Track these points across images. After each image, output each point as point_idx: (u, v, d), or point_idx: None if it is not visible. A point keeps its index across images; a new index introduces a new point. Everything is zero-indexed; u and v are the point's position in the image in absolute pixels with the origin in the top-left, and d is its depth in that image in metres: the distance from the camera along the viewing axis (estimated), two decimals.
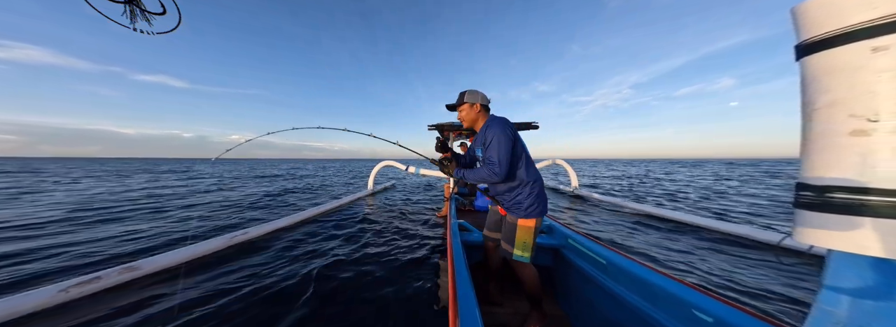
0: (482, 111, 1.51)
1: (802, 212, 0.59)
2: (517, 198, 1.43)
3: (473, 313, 0.93)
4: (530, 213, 1.39)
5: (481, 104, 1.50)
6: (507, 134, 1.36)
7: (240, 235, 3.19)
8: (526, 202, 1.40)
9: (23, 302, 1.77)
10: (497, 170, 1.34)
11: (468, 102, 1.49)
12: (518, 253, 1.42)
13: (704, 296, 1.02)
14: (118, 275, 2.17)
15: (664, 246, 3.22)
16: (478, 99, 1.49)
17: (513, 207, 1.44)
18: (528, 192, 1.41)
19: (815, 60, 0.57)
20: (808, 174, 0.59)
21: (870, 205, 0.50)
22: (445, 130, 4.59)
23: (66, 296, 1.90)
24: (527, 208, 1.39)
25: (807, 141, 0.59)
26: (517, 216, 1.42)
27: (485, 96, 1.52)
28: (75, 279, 2.04)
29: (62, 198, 6.63)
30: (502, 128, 1.37)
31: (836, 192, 0.54)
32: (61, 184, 10.33)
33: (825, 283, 0.57)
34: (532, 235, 1.41)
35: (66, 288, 1.93)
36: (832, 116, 0.55)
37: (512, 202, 1.45)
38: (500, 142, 1.34)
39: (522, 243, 1.41)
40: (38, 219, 4.30)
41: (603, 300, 1.44)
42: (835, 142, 0.54)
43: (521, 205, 1.41)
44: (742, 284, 2.24)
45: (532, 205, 1.40)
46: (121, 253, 2.92)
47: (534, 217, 1.40)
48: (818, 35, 0.56)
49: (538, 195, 1.42)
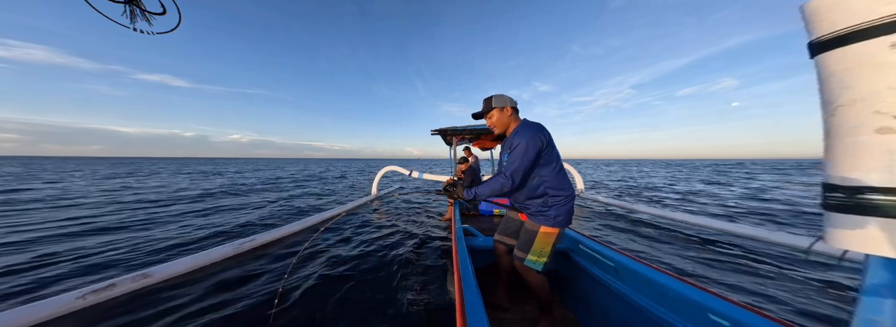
0: (513, 114, 1.47)
1: (833, 215, 0.57)
2: (546, 205, 1.38)
3: (481, 318, 0.92)
4: (557, 222, 1.35)
5: (512, 107, 1.46)
6: (536, 142, 1.30)
7: (248, 242, 3.23)
8: (553, 211, 1.35)
9: (43, 309, 1.81)
10: (507, 180, 1.29)
11: (497, 107, 1.45)
12: (532, 258, 1.38)
13: (720, 300, 0.99)
14: (132, 282, 2.21)
15: (689, 257, 3.09)
16: (507, 102, 1.45)
17: (538, 214, 1.39)
18: (557, 202, 1.36)
19: (832, 57, 0.56)
20: (835, 174, 0.56)
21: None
22: (449, 135, 4.61)
23: (83, 303, 1.94)
24: (555, 217, 1.35)
25: (831, 139, 0.57)
26: (541, 223, 1.38)
27: (512, 99, 1.48)
28: (92, 286, 2.08)
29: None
30: (532, 135, 1.31)
31: (867, 193, 0.51)
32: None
33: (864, 290, 0.53)
34: (552, 244, 1.38)
35: (83, 294, 1.97)
36: (856, 114, 0.53)
37: (538, 209, 1.40)
38: (526, 150, 1.29)
39: (539, 250, 1.37)
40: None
41: (613, 303, 1.40)
42: (861, 140, 0.52)
43: (548, 213, 1.36)
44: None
45: (560, 214, 1.35)
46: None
47: (559, 226, 1.36)
48: (833, 32, 0.55)
49: (565, 205, 1.37)
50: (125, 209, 5.94)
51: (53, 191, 8.55)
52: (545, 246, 1.37)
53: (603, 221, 4.88)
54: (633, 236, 3.93)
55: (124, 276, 2.25)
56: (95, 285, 2.09)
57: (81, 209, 5.88)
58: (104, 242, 3.54)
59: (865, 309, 0.53)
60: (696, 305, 1.01)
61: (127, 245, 3.46)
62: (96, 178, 13.87)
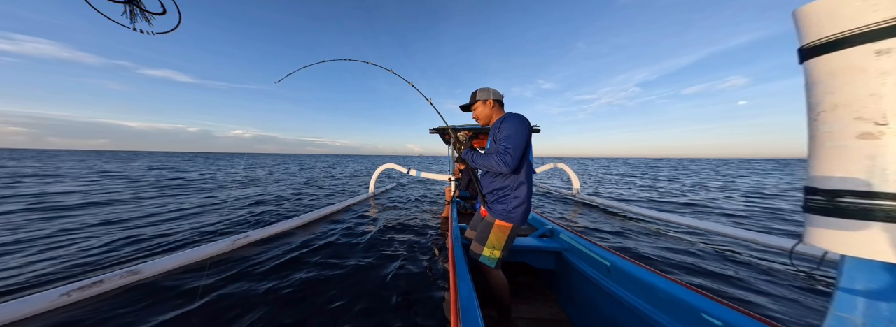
0: (496, 106, 1.49)
1: (813, 217, 0.59)
2: (504, 198, 1.39)
3: (475, 316, 0.93)
4: (511, 217, 1.36)
5: (494, 100, 1.48)
6: (524, 129, 1.32)
7: (241, 238, 3.19)
8: (511, 204, 1.36)
9: (24, 306, 1.77)
10: (508, 159, 1.26)
11: (481, 99, 1.47)
12: (487, 253, 1.38)
13: (712, 301, 1.01)
14: (120, 279, 2.17)
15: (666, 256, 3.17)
16: (490, 95, 1.47)
17: (495, 207, 1.41)
18: (516, 195, 1.37)
19: (819, 63, 0.57)
20: (817, 176, 0.58)
21: (882, 208, 0.49)
22: (447, 133, 4.61)
23: (67, 300, 1.90)
24: (510, 211, 1.36)
25: (814, 143, 0.59)
26: (495, 217, 1.39)
27: (497, 91, 1.50)
28: (77, 283, 2.04)
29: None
30: (519, 121, 1.33)
31: (846, 196, 0.53)
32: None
33: (839, 288, 0.56)
34: (505, 239, 1.38)
35: (68, 291, 1.93)
36: (838, 119, 0.54)
37: (495, 201, 1.41)
38: (517, 133, 1.29)
39: (493, 244, 1.38)
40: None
41: (606, 303, 1.42)
42: (842, 145, 0.54)
43: (505, 207, 1.37)
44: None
45: (516, 208, 1.35)
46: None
47: (513, 222, 1.36)
48: (821, 38, 0.56)
49: (524, 201, 1.37)
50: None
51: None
52: (498, 241, 1.37)
53: (598, 222, 4.96)
54: (626, 236, 4.01)
55: (111, 273, 2.20)
56: (81, 282, 2.05)
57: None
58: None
59: (839, 307, 0.55)
60: (688, 306, 1.03)
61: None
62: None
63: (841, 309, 0.55)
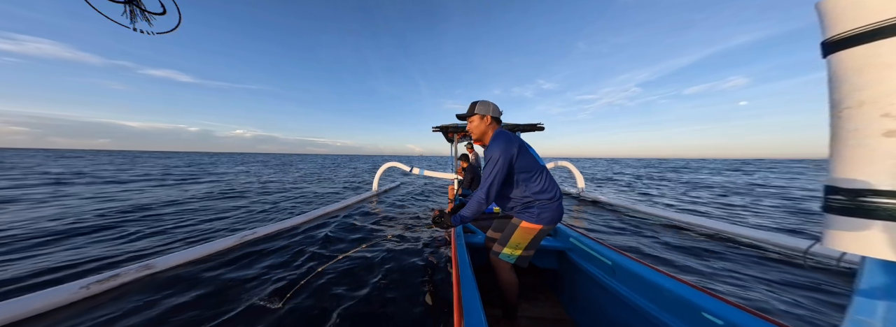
0: (492, 123, 1.49)
1: (833, 217, 0.57)
2: (530, 206, 1.39)
3: (479, 315, 0.92)
4: (541, 220, 1.36)
5: (492, 116, 1.47)
6: (506, 155, 1.32)
7: (249, 234, 3.27)
8: (536, 210, 1.37)
9: (48, 297, 1.84)
10: (483, 195, 1.32)
11: (479, 114, 1.46)
12: (507, 251, 1.38)
13: (714, 299, 0.99)
14: (136, 273, 2.24)
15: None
16: (489, 111, 1.46)
17: (522, 212, 1.41)
18: (541, 205, 1.36)
19: (844, 58, 0.55)
20: (838, 176, 0.56)
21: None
22: (450, 132, 4.59)
23: (87, 292, 1.97)
24: (538, 214, 1.36)
25: (836, 142, 0.57)
26: (523, 218, 1.39)
27: (497, 108, 1.49)
28: (96, 276, 2.11)
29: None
30: (504, 148, 1.33)
31: (869, 196, 0.51)
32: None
33: (858, 291, 0.54)
34: (530, 240, 1.37)
35: (87, 284, 2.00)
36: (863, 116, 0.52)
37: (522, 209, 1.41)
38: (496, 164, 1.32)
39: (515, 244, 1.38)
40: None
41: (609, 303, 1.40)
42: (867, 143, 0.52)
43: (532, 211, 1.37)
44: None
45: (544, 213, 1.36)
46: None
47: (541, 223, 1.36)
48: (846, 31, 0.54)
49: (550, 206, 1.37)
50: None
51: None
52: (522, 241, 1.37)
53: (602, 220, 4.92)
54: (631, 235, 3.96)
55: (127, 267, 2.28)
56: (99, 275, 2.12)
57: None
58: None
59: (858, 310, 0.54)
60: (691, 305, 1.01)
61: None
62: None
63: (859, 313, 0.53)
